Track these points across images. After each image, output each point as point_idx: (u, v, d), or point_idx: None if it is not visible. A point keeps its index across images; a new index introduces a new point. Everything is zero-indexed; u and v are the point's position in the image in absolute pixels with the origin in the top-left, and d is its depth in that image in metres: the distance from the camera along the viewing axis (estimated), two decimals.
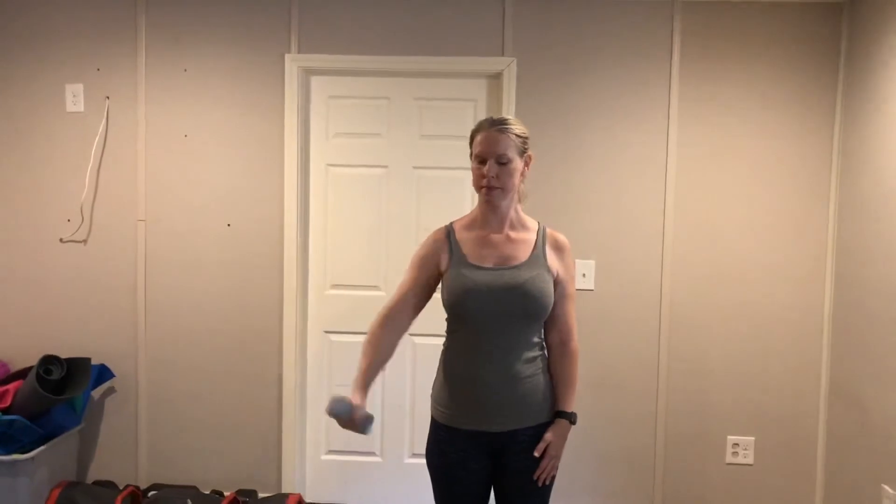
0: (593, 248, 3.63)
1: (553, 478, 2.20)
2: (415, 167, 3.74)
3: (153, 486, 3.68)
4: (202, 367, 3.78)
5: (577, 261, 3.61)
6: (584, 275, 3.64)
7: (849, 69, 3.49)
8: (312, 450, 3.85)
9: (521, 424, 2.16)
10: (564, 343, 2.22)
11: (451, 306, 2.16)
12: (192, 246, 3.74)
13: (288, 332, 3.72)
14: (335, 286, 3.81)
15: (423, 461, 3.75)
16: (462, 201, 3.73)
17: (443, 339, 3.77)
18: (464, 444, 2.17)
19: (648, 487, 3.69)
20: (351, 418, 2.03)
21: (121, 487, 3.70)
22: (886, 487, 3.04)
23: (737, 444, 3.68)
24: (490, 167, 2.13)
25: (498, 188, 2.15)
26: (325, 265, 3.80)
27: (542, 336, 2.21)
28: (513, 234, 2.22)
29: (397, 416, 3.82)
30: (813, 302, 3.61)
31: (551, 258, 2.20)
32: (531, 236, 2.23)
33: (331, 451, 3.85)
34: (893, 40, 3.10)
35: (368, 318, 3.72)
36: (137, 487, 3.58)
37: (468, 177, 3.71)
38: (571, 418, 2.23)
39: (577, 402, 2.32)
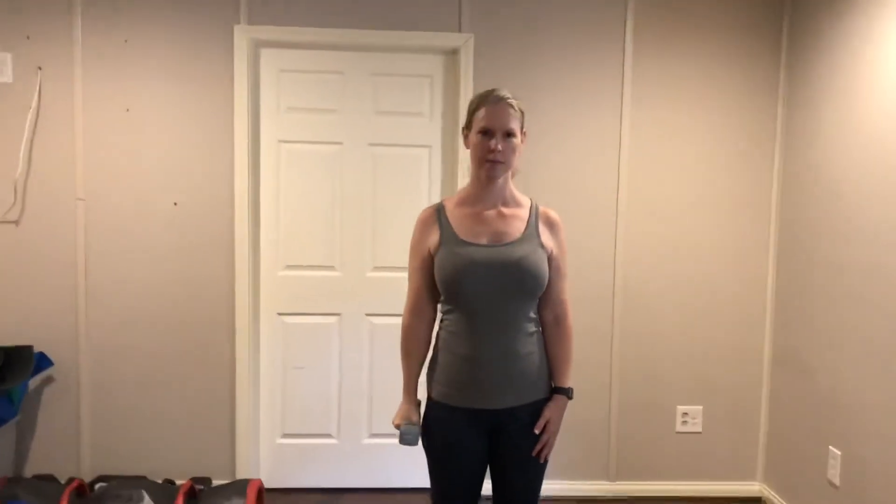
0: None
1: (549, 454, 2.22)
2: (370, 144, 3.67)
3: (99, 479, 3.50)
4: (149, 352, 3.61)
5: None
6: None
7: (791, 51, 3.63)
8: (267, 434, 3.76)
9: (520, 401, 2.16)
10: (559, 320, 2.23)
11: (446, 285, 2.12)
12: (136, 226, 3.56)
13: (241, 315, 3.60)
14: (289, 266, 3.70)
15: (381, 441, 3.76)
16: (419, 179, 3.69)
17: (399, 320, 3.74)
18: (464, 423, 2.15)
19: (603, 457, 3.78)
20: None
21: (62, 481, 3.51)
22: (833, 448, 3.21)
23: (686, 414, 3.81)
24: (497, 141, 2.11)
25: (502, 163, 2.13)
26: (277, 245, 3.69)
27: (537, 313, 2.21)
28: (506, 211, 2.20)
29: (355, 397, 3.76)
30: (757, 275, 3.76)
31: (545, 235, 2.20)
32: (524, 213, 2.22)
33: (286, 435, 3.77)
34: (834, 24, 3.24)
35: (324, 299, 3.68)
36: (83, 480, 3.40)
37: (426, 154, 3.69)
38: (569, 394, 2.25)
39: None
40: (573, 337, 2.27)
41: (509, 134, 2.13)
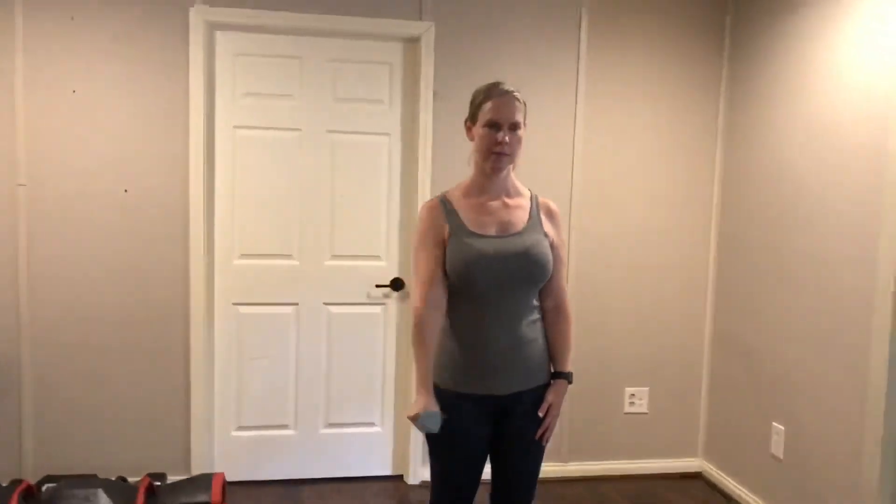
0: None
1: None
2: (329, 131, 3.62)
3: (46, 479, 3.32)
4: (97, 346, 3.46)
5: None
6: None
7: (733, 51, 3.82)
8: (222, 427, 3.67)
9: (526, 386, 2.20)
10: (559, 306, 2.29)
11: (457, 275, 2.13)
12: (82, 214, 3.40)
13: (196, 305, 3.49)
14: (244, 255, 3.62)
15: (339, 431, 3.74)
16: (378, 167, 3.68)
17: (359, 308, 3.74)
18: (471, 410, 2.18)
19: (556, 439, 3.89)
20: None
21: (3, 483, 3.32)
22: (776, 424, 3.43)
23: (633, 395, 3.97)
24: (505, 133, 2.14)
25: (508, 154, 2.16)
26: (232, 233, 3.60)
27: (538, 300, 2.26)
28: (510, 201, 2.24)
29: (312, 388, 3.72)
30: (699, 263, 3.95)
31: (546, 224, 2.25)
32: (526, 203, 2.27)
33: (241, 427, 3.69)
34: (774, 26, 3.44)
35: (280, 288, 3.64)
36: (30, 482, 3.23)
37: (385, 142, 3.68)
38: (569, 378, 2.31)
39: None
40: (572, 323, 2.34)
41: (515, 126, 2.16)
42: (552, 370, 2.30)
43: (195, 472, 3.55)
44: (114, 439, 3.51)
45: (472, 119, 2.22)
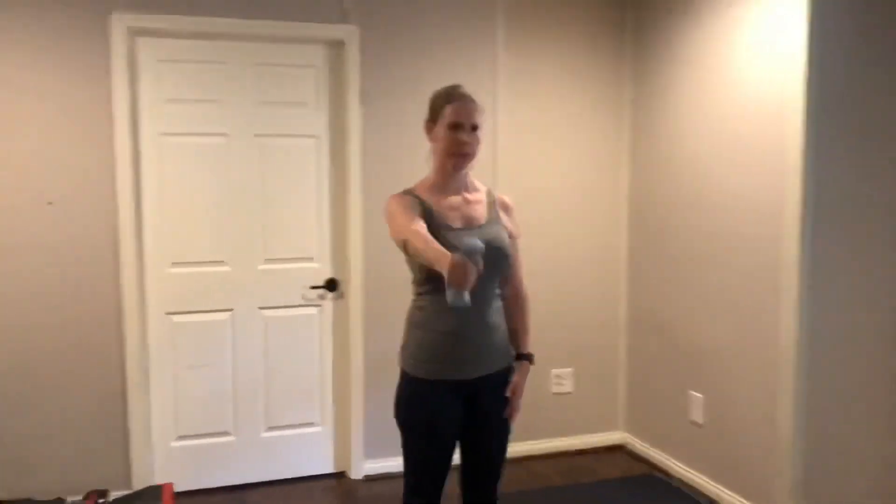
0: None
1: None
2: (256, 135, 3.63)
3: None
4: (26, 365, 3.34)
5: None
6: None
7: (635, 50, 4.09)
8: (161, 438, 3.61)
9: (493, 369, 2.34)
10: (518, 294, 2.45)
11: (430, 266, 2.24)
12: (5, 228, 3.26)
13: (129, 318, 3.43)
14: (176, 264, 3.57)
15: (279, 434, 3.77)
16: (307, 169, 3.71)
17: (294, 311, 3.78)
18: (444, 394, 2.29)
19: None
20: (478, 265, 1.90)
21: None
22: (694, 393, 3.73)
23: (559, 376, 4.19)
24: (467, 134, 2.26)
25: (470, 154, 2.29)
26: (163, 242, 3.54)
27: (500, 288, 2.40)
28: (469, 197, 2.36)
29: (250, 392, 3.72)
30: (613, 247, 4.21)
31: (503, 217, 2.39)
32: (483, 198, 2.40)
33: (181, 437, 3.65)
34: (673, 24, 3.73)
35: (215, 295, 3.61)
36: None
37: (313, 144, 3.72)
38: (531, 359, 2.47)
39: None
40: (530, 308, 2.50)
41: (475, 127, 2.29)
42: (514, 353, 2.45)
43: (136, 486, 3.49)
44: (49, 459, 3.40)
45: (432, 120, 2.33)
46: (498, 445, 2.43)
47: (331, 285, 3.77)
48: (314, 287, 3.76)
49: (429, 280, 2.28)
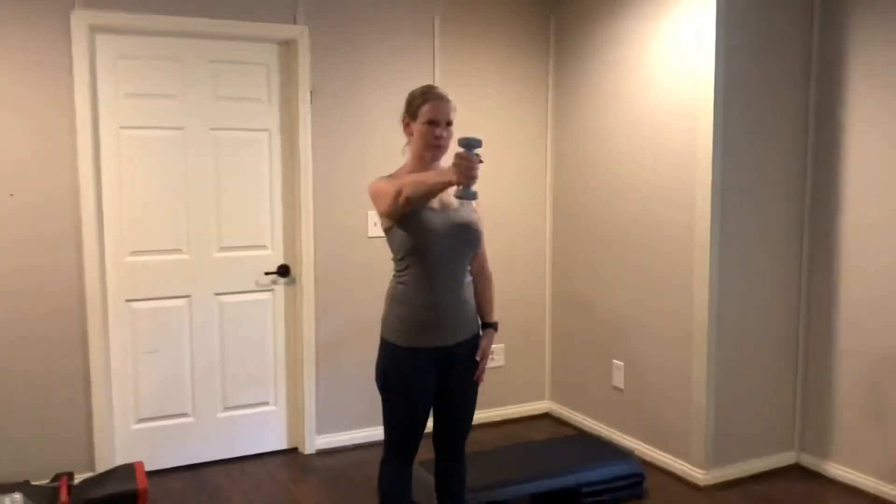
0: None
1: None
2: (212, 128, 3.80)
3: None
4: None
5: (368, 211, 4.09)
6: (375, 223, 4.12)
7: (557, 51, 4.49)
8: (121, 421, 3.74)
9: (464, 337, 2.66)
10: (484, 270, 2.78)
11: (413, 245, 2.51)
12: None
13: (91, 305, 3.54)
14: (135, 252, 3.71)
15: (235, 413, 3.97)
16: (260, 161, 3.91)
17: (248, 296, 3.99)
18: (422, 361, 2.58)
19: None
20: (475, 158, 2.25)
21: None
22: (616, 361, 4.17)
23: (492, 352, 4.53)
24: (442, 129, 2.56)
25: (444, 147, 2.59)
26: (121, 232, 3.67)
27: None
28: None
29: (207, 374, 3.90)
30: (538, 233, 4.61)
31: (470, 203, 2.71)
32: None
33: (141, 420, 3.79)
34: (594, 28, 4.14)
35: (173, 282, 3.80)
36: None
37: (265, 137, 3.93)
38: (496, 327, 2.81)
39: (368, 333, 3.74)
40: (494, 283, 2.83)
41: (449, 123, 2.60)
42: (481, 322, 2.78)
43: (100, 468, 3.61)
44: (12, 445, 3.48)
45: (411, 117, 2.62)
46: (468, 404, 2.77)
47: (283, 271, 3.99)
48: (267, 273, 3.97)
49: (408, 257, 2.56)
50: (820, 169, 3.73)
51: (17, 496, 3.15)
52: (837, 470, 3.71)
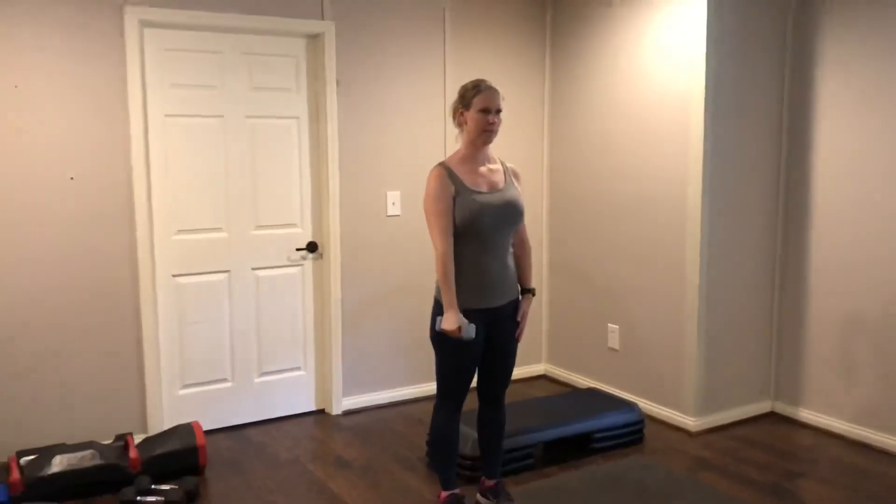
0: (399, 181, 4.50)
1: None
2: (247, 116, 4.11)
3: (20, 454, 3.52)
4: (53, 324, 3.69)
5: (387, 192, 4.47)
6: (393, 203, 4.49)
7: (553, 40, 4.90)
8: (168, 387, 4.06)
9: (508, 299, 3.07)
10: (523, 242, 3.19)
11: (467, 223, 2.90)
12: (30, 200, 3.59)
13: (144, 280, 3.85)
14: (180, 231, 4.01)
15: (270, 378, 4.31)
16: (290, 145, 4.24)
17: (281, 270, 4.32)
18: (475, 319, 2.97)
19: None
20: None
21: None
22: (611, 325, 4.64)
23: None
24: (493, 116, 2.95)
25: (495, 132, 2.98)
26: (168, 212, 3.97)
27: None
28: (491, 167, 3.05)
29: (244, 342, 4.24)
30: (535, 208, 5.02)
31: (515, 182, 3.11)
32: (500, 167, 3.09)
33: (186, 385, 4.11)
34: (587, 24, 4.56)
35: (214, 258, 4.14)
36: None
37: (295, 125, 4.26)
38: (534, 292, 3.22)
39: (388, 303, 4.17)
40: (531, 253, 3.25)
41: (499, 111, 2.98)
42: (520, 287, 3.19)
43: (152, 430, 3.93)
44: (75, 410, 3.78)
45: (465, 107, 2.99)
46: (510, 357, 3.19)
47: (311, 247, 4.34)
48: (298, 249, 4.31)
49: (460, 233, 2.94)
50: (794, 150, 4.23)
51: (93, 452, 3.46)
52: (808, 415, 4.25)
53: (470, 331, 2.89)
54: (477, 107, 2.96)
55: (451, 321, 2.89)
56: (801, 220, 4.22)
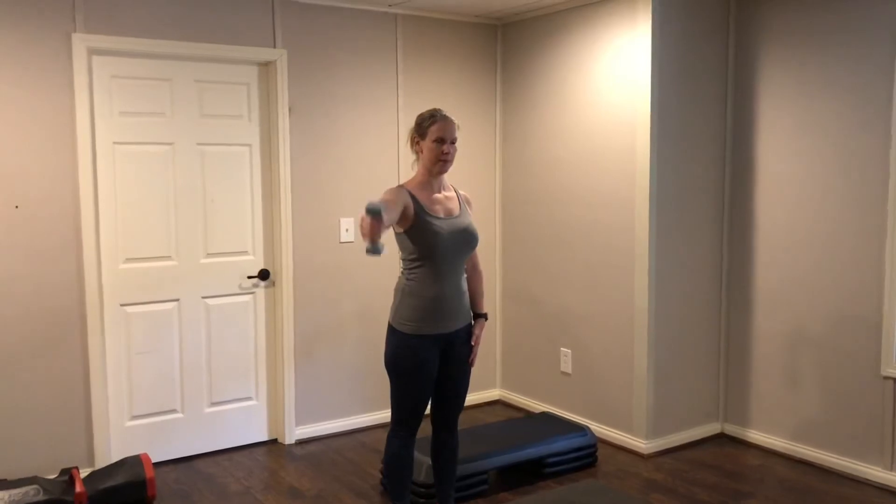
0: (353, 207, 4.50)
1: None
2: (198, 143, 4.09)
3: None
4: None
5: (340, 219, 4.47)
6: (346, 230, 4.50)
7: (503, 72, 4.99)
8: (116, 419, 3.97)
9: (462, 325, 3.09)
10: (475, 267, 3.23)
11: (424, 246, 2.92)
12: None
13: (91, 310, 3.78)
14: (129, 259, 3.95)
15: (220, 409, 4.25)
16: (242, 173, 4.23)
17: (232, 299, 4.28)
18: (429, 345, 3.00)
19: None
20: (378, 222, 2.59)
21: None
22: (564, 349, 4.69)
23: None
24: (448, 147, 2.98)
25: (450, 162, 3.02)
26: (116, 240, 3.91)
27: None
28: (446, 194, 3.08)
29: (195, 374, 4.17)
30: (488, 235, 5.07)
31: (468, 209, 3.15)
32: (454, 195, 3.12)
33: (134, 417, 4.03)
34: (537, 55, 4.66)
35: (163, 287, 4.12)
36: None
37: (247, 151, 4.26)
38: (486, 317, 3.25)
39: (341, 330, 4.09)
40: (484, 278, 3.28)
41: (454, 141, 3.03)
42: (473, 312, 3.22)
43: (99, 463, 3.84)
44: (18, 443, 3.67)
45: (420, 136, 3.03)
46: (464, 382, 3.20)
47: (263, 275, 4.31)
48: (249, 277, 4.28)
49: (418, 257, 2.98)
50: (737, 174, 4.36)
51: (37, 488, 3.37)
52: (755, 435, 4.34)
53: (371, 206, 2.62)
54: (432, 136, 3.01)
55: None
56: (745, 244, 4.33)
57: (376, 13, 4.51)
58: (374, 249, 2.65)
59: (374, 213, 2.60)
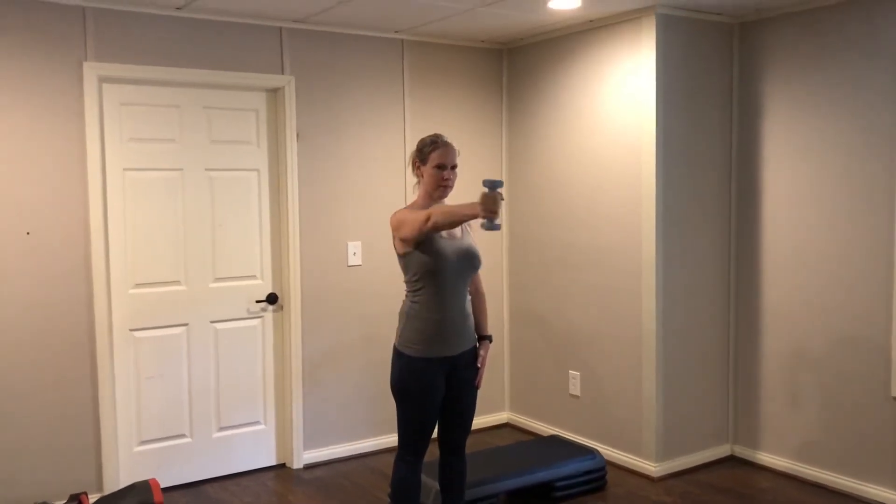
0: (360, 231, 4.53)
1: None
2: (207, 169, 4.13)
3: None
4: (4, 381, 3.61)
5: (348, 242, 4.50)
6: (354, 253, 4.51)
7: (509, 94, 5.03)
8: (125, 444, 3.98)
9: (467, 347, 3.10)
10: (479, 289, 3.25)
11: (430, 268, 2.94)
12: None
13: (100, 335, 3.80)
14: (138, 285, 3.98)
15: (229, 433, 4.25)
16: (250, 198, 4.26)
17: (240, 323, 4.31)
18: (435, 368, 3.01)
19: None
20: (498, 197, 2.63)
21: None
22: (572, 371, 4.68)
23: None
24: (448, 172, 3.01)
25: (450, 187, 3.04)
26: (125, 265, 3.94)
27: None
28: None
29: (203, 398, 4.18)
30: (495, 257, 5.08)
31: (470, 231, 3.17)
32: None
33: (143, 442, 4.03)
34: (537, 73, 4.70)
35: (172, 312, 4.12)
36: None
37: (255, 177, 4.29)
38: (491, 339, 3.26)
39: (349, 354, 4.07)
40: (486, 300, 3.29)
41: (454, 167, 3.05)
42: (477, 334, 3.22)
43: (108, 489, 3.84)
44: (27, 471, 3.68)
45: (422, 161, 3.06)
46: (470, 405, 3.21)
47: (271, 299, 4.33)
48: (258, 301, 4.30)
49: (423, 278, 2.99)
50: (743, 197, 4.37)
51: None
52: (765, 457, 4.31)
53: (491, 181, 2.66)
54: (433, 162, 3.04)
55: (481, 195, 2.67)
56: (752, 266, 4.33)
57: (383, 39, 4.56)
58: (494, 225, 2.65)
59: (496, 186, 2.61)
